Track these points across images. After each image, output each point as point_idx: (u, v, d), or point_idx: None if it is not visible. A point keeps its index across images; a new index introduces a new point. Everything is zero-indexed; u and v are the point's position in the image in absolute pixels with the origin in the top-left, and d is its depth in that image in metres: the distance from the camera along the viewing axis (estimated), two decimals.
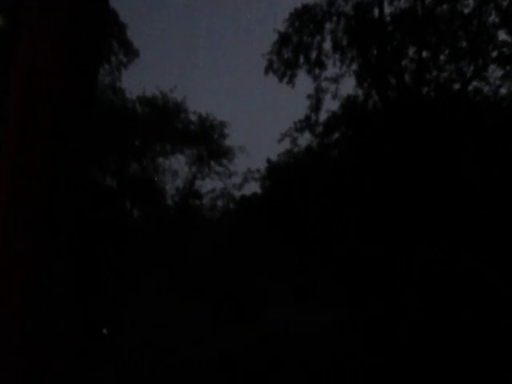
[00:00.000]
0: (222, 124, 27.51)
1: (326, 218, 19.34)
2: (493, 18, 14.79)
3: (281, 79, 18.31)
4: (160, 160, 26.91)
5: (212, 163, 27.81)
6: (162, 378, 8.32)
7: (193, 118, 27.07)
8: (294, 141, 20.35)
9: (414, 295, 12.41)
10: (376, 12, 16.74)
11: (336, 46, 17.56)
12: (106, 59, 21.24)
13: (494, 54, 15.02)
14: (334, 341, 11.43)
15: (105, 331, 13.42)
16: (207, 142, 27.35)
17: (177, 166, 27.61)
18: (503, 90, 15.17)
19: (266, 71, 18.31)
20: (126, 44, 20.94)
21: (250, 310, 18.30)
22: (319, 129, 19.70)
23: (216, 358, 9.94)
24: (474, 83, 15.54)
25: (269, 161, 27.01)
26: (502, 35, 14.79)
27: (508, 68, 14.66)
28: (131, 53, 21.22)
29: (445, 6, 15.64)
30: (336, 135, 20.23)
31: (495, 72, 15.07)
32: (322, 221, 19.82)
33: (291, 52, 17.96)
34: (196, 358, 10.03)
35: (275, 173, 26.73)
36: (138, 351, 10.76)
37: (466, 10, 15.36)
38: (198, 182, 27.95)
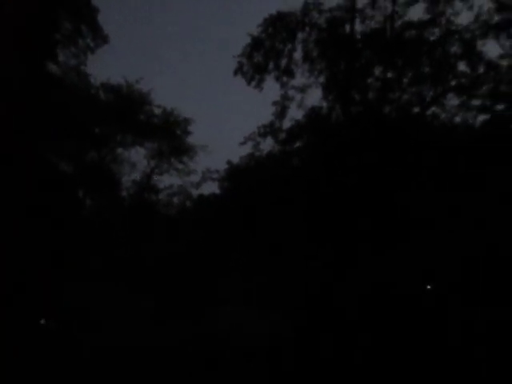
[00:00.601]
0: (187, 121, 27.28)
1: (282, 225, 19.54)
2: (455, 48, 15.46)
3: (249, 82, 18.39)
4: (119, 150, 26.34)
5: (172, 159, 27.52)
6: (97, 367, 8.17)
7: (157, 111, 26.71)
8: (256, 145, 20.41)
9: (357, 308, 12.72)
10: (347, 28, 17.16)
11: (306, 56, 17.84)
12: (73, 41, 20.65)
13: (453, 82, 15.71)
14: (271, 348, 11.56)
15: (43, 322, 12.97)
16: (170, 137, 27.01)
17: (136, 159, 27.14)
18: (457, 119, 15.90)
19: (236, 73, 18.34)
20: (96, 28, 20.39)
21: (197, 307, 18.27)
22: (282, 135, 19.86)
23: (153, 350, 9.88)
24: (433, 108, 16.20)
25: (230, 163, 26.97)
26: (462, 66, 15.49)
27: (464, 98, 15.36)
28: (100, 38, 20.67)
29: (413, 31, 16.22)
30: (298, 144, 20.50)
31: (452, 100, 15.77)
32: (278, 227, 20.01)
33: (262, 57, 18.08)
34: (133, 349, 9.93)
35: (235, 175, 26.73)
36: (79, 342, 10.52)
37: (432, 38, 16.02)
38: (155, 177, 27.57)
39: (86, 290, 16.34)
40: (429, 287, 14.34)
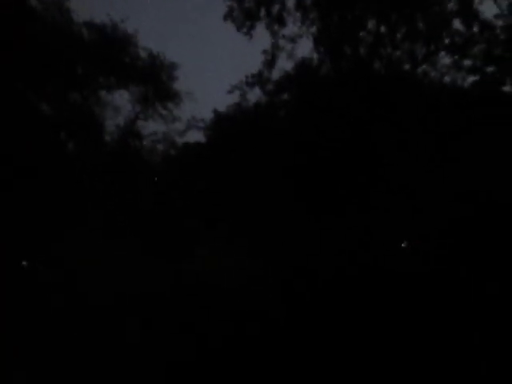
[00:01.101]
0: (173, 65, 26.38)
1: (265, 176, 19.62)
2: (451, 5, 15.08)
3: (239, 29, 17.78)
4: (103, 93, 25.55)
5: (157, 105, 26.84)
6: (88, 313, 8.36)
7: (142, 54, 25.69)
8: (243, 95, 20.08)
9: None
10: None
11: (299, 4, 17.21)
12: None
13: (447, 41, 15.45)
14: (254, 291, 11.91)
15: (24, 263, 13.12)
16: (155, 81, 26.21)
17: (120, 103, 26.43)
18: (447, 79, 15.78)
19: (225, 18, 17.67)
20: None
21: (180, 248, 18.66)
22: (270, 86, 19.54)
23: (142, 295, 10.12)
24: (424, 67, 15.99)
25: (216, 111, 26.52)
26: (457, 24, 15.18)
27: (456, 57, 15.18)
28: None
29: None
30: (286, 96, 20.22)
31: (444, 59, 15.58)
32: (261, 178, 20.10)
33: (253, 2, 17.40)
34: (124, 294, 10.14)
35: (221, 124, 26.39)
36: (63, 286, 10.67)
37: None
38: (140, 123, 26.99)
39: (71, 236, 16.43)
40: (403, 245, 14.78)
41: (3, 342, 6.08)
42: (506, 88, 14.92)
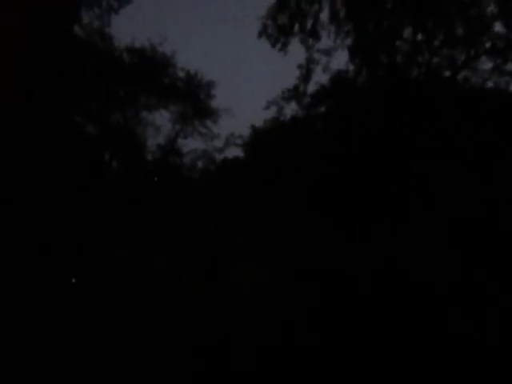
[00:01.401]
0: (210, 84, 27.09)
1: (306, 189, 19.55)
2: (491, 8, 14.65)
3: (274, 45, 17.98)
4: (144, 114, 26.46)
5: (196, 123, 27.53)
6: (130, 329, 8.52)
7: (180, 74, 26.53)
8: (280, 109, 20.22)
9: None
10: None
11: (333, 17, 17.22)
12: (96, 2, 20.47)
13: (488, 45, 14.99)
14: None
15: (73, 280, 13.54)
16: (193, 100, 26.92)
17: (160, 122, 27.28)
18: (490, 84, 15.27)
19: (260, 35, 17.94)
20: None
21: (216, 267, 18.74)
22: (306, 100, 19.60)
23: (183, 313, 10.20)
24: (464, 73, 15.56)
25: (253, 127, 26.84)
26: (498, 27, 14.73)
27: (499, 61, 14.69)
28: None
29: None
30: (322, 108, 20.21)
31: (485, 64, 15.11)
32: (301, 191, 20.04)
33: (287, 18, 17.57)
34: (166, 313, 10.26)
35: (259, 139, 26.65)
36: (102, 299, 10.89)
37: None
38: (180, 141, 27.72)
39: (110, 253, 16.89)
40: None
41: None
42: None
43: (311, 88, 18.86)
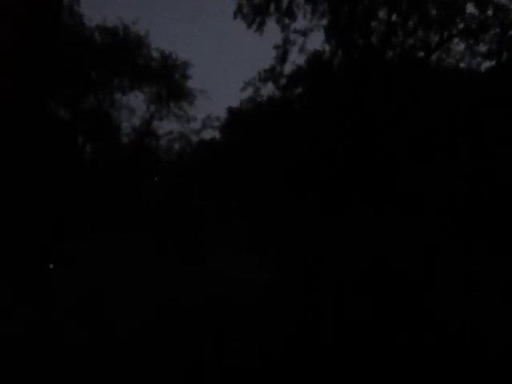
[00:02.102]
0: (185, 64, 26.61)
1: (281, 170, 19.65)
2: None
3: (249, 25, 17.75)
4: (117, 96, 25.89)
5: (171, 104, 27.10)
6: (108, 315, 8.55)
7: (155, 54, 25.95)
8: (256, 90, 20.09)
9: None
10: None
11: None
12: None
13: (461, 26, 15.21)
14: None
15: (51, 266, 13.43)
16: (168, 81, 26.45)
17: (134, 104, 26.79)
18: (462, 65, 15.56)
19: (235, 15, 17.67)
20: None
21: (198, 250, 18.76)
22: (283, 81, 19.53)
23: (162, 303, 10.24)
24: (437, 54, 15.79)
25: (230, 109, 26.66)
26: (471, 8, 14.94)
27: (471, 42, 14.94)
28: None
29: None
30: (299, 89, 20.20)
31: (458, 45, 15.36)
32: (277, 172, 20.13)
33: None
34: (144, 301, 10.29)
35: (236, 120, 26.52)
36: (79, 287, 10.86)
37: None
38: (155, 123, 27.32)
39: (84, 235, 16.79)
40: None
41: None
42: None
43: (288, 69, 18.72)
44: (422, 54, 16.43)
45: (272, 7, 17.40)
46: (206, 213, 23.56)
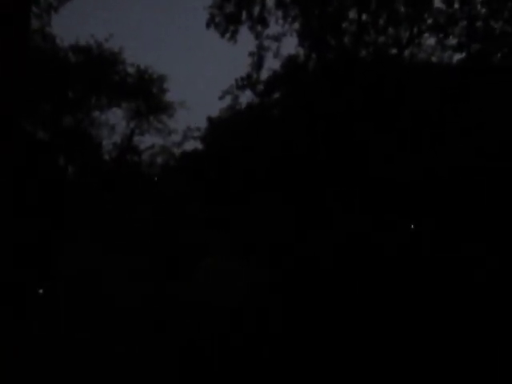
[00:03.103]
0: (162, 77, 26.64)
1: (265, 176, 19.71)
2: None
3: (223, 35, 17.88)
4: (96, 114, 25.79)
5: (151, 118, 27.09)
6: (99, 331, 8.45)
7: (130, 70, 25.95)
8: (235, 98, 20.19)
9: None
10: None
11: (279, 3, 17.32)
12: (34, 0, 19.64)
13: (429, 21, 15.55)
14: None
15: (41, 291, 13.21)
16: (146, 96, 26.45)
17: (114, 121, 26.70)
18: (434, 59, 15.88)
19: (208, 25, 17.78)
20: None
21: (187, 265, 18.53)
22: (260, 87, 19.66)
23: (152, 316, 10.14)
24: (410, 49, 16.10)
25: (209, 119, 26.74)
26: (438, 3, 15.29)
27: (441, 36, 15.27)
28: None
29: None
30: (277, 94, 20.35)
31: (429, 40, 15.69)
32: (260, 179, 20.18)
33: (233, 7, 17.50)
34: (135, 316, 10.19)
35: (216, 129, 26.58)
36: (73, 307, 10.70)
37: None
38: (136, 138, 27.27)
39: (74, 254, 16.56)
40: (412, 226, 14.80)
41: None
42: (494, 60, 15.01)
43: (264, 75, 18.85)
44: (394, 50, 16.74)
45: (244, 15, 17.56)
46: (192, 224, 23.46)
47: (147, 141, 28.53)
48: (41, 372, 6.32)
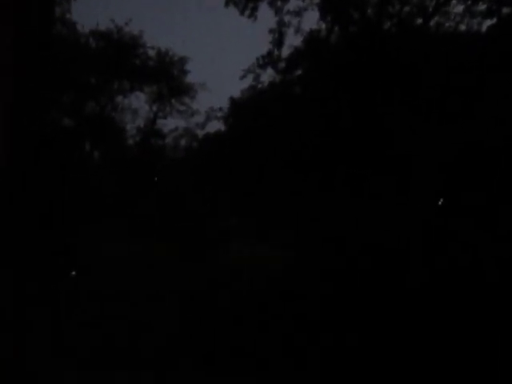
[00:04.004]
0: (183, 60, 26.51)
1: (288, 157, 19.53)
2: None
3: (242, 12, 17.56)
4: (119, 98, 25.92)
5: (173, 101, 27.09)
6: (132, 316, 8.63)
7: (151, 53, 25.91)
8: (256, 77, 19.92)
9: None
10: None
11: None
12: None
13: None
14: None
15: (73, 273, 13.57)
16: (167, 78, 26.42)
17: (137, 105, 26.77)
18: (463, 27, 15.26)
19: (227, 3, 17.48)
20: None
21: (212, 247, 18.75)
22: (282, 65, 19.34)
23: (181, 296, 10.29)
24: (436, 18, 15.50)
25: (232, 99, 26.54)
26: None
27: (469, 3, 14.63)
28: None
29: None
30: (299, 71, 20.00)
31: (456, 8, 15.05)
32: (284, 159, 20.02)
33: None
34: (162, 295, 10.37)
35: (238, 110, 26.40)
36: (103, 293, 10.93)
37: None
38: (159, 121, 27.35)
39: (101, 246, 16.90)
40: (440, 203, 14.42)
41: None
42: None
43: (286, 52, 18.50)
44: (419, 21, 16.14)
45: None
46: (215, 207, 23.57)
47: (170, 124, 28.50)
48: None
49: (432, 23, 15.92)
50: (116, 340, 7.12)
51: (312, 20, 17.74)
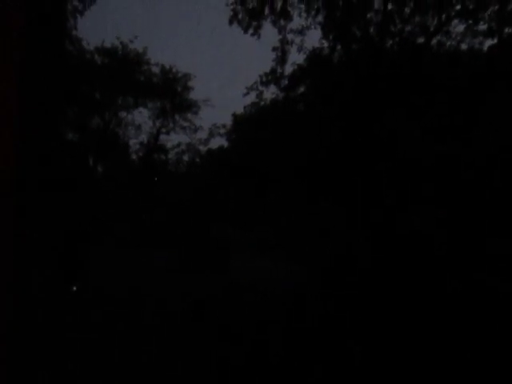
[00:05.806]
0: (186, 76, 26.87)
1: (290, 172, 19.60)
2: None
3: (246, 30, 17.79)
4: (122, 114, 26.18)
5: (176, 117, 27.36)
6: (135, 327, 8.55)
7: (155, 69, 26.27)
8: (259, 94, 20.13)
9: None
10: None
11: None
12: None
13: (458, 7, 15.09)
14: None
15: (74, 288, 13.47)
16: (171, 94, 26.72)
17: (140, 120, 27.06)
18: (464, 46, 15.42)
19: (231, 22, 17.71)
20: None
21: (215, 259, 18.70)
22: (285, 82, 19.54)
23: (185, 307, 10.23)
24: (438, 37, 15.68)
25: (234, 115, 26.78)
26: None
27: (470, 22, 14.81)
28: None
29: None
30: (302, 88, 20.18)
31: (457, 27, 15.24)
32: (285, 174, 20.08)
33: (256, 1, 17.40)
34: (165, 307, 10.30)
35: (241, 126, 26.60)
36: (106, 304, 10.87)
37: None
38: (162, 137, 27.58)
39: (110, 254, 16.88)
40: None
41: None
42: None
43: (289, 69, 18.75)
44: (421, 39, 16.32)
45: (266, 10, 17.44)
46: (222, 221, 23.56)
47: (174, 139, 28.73)
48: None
49: (433, 42, 16.11)
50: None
51: (315, 38, 17.99)
